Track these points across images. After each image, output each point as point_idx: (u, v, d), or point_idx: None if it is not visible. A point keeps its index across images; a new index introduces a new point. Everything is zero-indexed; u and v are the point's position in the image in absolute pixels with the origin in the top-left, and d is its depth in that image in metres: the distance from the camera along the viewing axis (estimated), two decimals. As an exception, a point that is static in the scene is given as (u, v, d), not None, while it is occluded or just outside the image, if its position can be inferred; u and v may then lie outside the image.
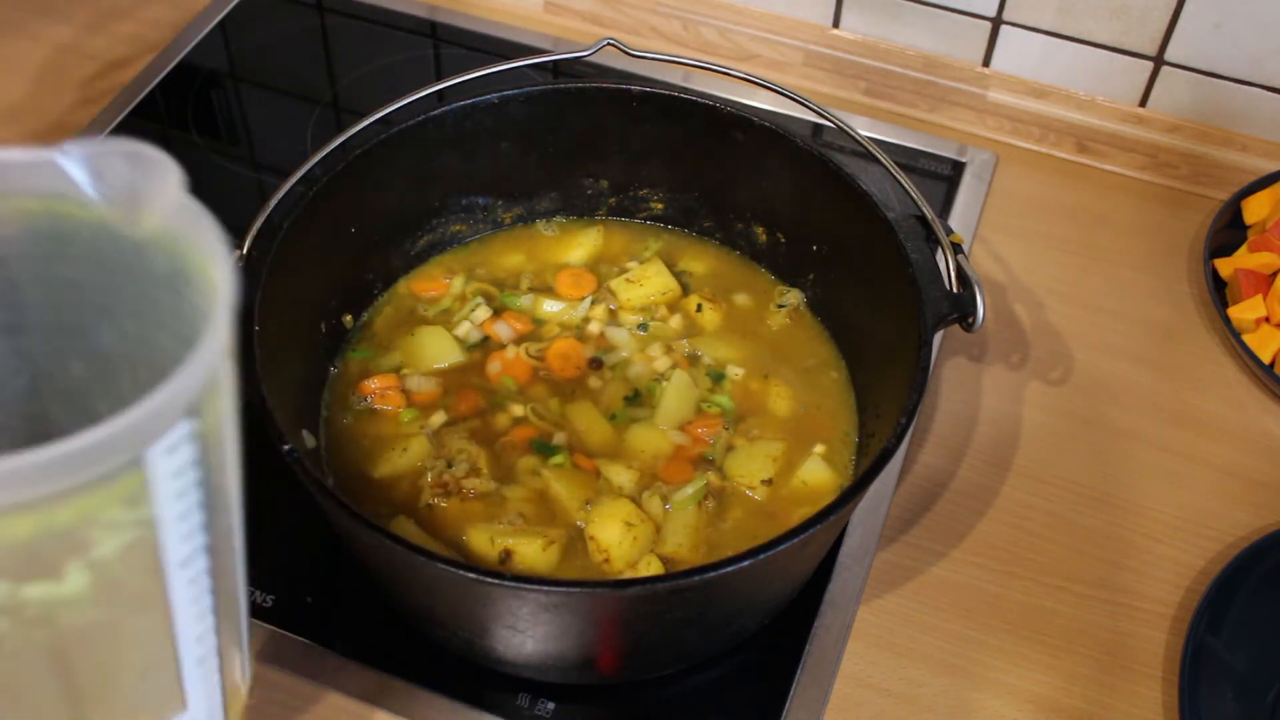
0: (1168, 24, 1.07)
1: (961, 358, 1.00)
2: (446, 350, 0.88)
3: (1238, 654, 0.81)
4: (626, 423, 0.85)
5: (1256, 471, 0.93)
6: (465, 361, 0.88)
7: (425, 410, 0.85)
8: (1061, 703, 0.80)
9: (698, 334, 0.91)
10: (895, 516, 0.89)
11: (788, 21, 1.21)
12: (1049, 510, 0.90)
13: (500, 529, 0.78)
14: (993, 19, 1.13)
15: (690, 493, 0.80)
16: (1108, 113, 1.15)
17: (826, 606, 0.83)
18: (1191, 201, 1.14)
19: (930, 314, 0.77)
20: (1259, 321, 0.99)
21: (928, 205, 0.83)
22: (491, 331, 0.89)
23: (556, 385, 0.87)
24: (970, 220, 1.11)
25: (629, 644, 0.75)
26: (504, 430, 0.84)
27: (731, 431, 0.84)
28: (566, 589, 0.65)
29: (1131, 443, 0.95)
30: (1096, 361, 1.00)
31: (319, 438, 0.83)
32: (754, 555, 0.64)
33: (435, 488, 0.80)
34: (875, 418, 0.84)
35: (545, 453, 0.82)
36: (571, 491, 0.80)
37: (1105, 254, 1.09)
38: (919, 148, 1.17)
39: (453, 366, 0.88)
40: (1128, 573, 0.87)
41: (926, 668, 0.82)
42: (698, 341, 0.90)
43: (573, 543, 0.78)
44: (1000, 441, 0.94)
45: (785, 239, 0.94)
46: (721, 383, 0.88)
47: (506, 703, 0.78)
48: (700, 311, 0.92)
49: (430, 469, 0.81)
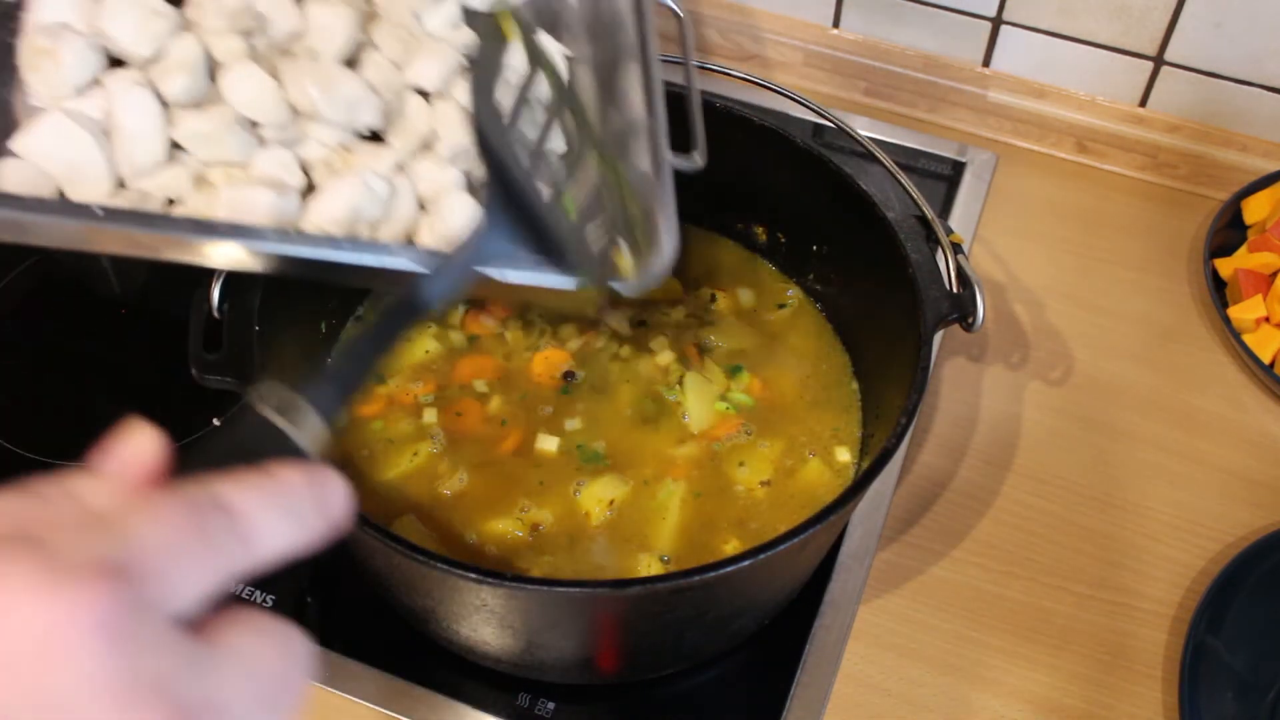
0: (1168, 24, 1.07)
1: (961, 358, 1.00)
2: (424, 348, 0.88)
3: (1238, 654, 0.81)
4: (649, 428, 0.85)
5: (1256, 471, 0.93)
6: (446, 358, 0.88)
7: (416, 411, 0.85)
8: (1061, 703, 0.80)
9: (706, 325, 0.91)
10: (895, 516, 0.89)
11: (788, 21, 1.21)
12: (1049, 510, 0.90)
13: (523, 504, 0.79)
14: (993, 19, 1.13)
15: (690, 491, 0.80)
16: (1108, 113, 1.15)
17: (826, 606, 0.83)
18: (1191, 201, 1.14)
19: (930, 314, 0.77)
20: (1259, 321, 0.99)
21: (928, 205, 0.83)
22: (478, 326, 0.89)
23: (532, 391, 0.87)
24: (970, 220, 1.10)
25: (629, 644, 0.75)
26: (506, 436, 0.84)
27: (754, 434, 0.84)
28: (567, 589, 0.65)
29: (1131, 443, 0.95)
30: (1096, 361, 1.00)
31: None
32: (754, 555, 0.64)
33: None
34: (875, 418, 0.84)
35: (590, 460, 0.82)
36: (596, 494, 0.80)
37: (1105, 254, 1.09)
38: (919, 148, 1.17)
39: (434, 363, 0.87)
40: (1128, 573, 0.87)
41: (926, 668, 0.82)
42: (709, 331, 0.90)
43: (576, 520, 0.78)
44: (1000, 441, 0.94)
45: (785, 239, 0.94)
46: (739, 376, 0.87)
47: (506, 703, 0.78)
48: (715, 302, 0.92)
49: (437, 474, 0.81)
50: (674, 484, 0.81)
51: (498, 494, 0.80)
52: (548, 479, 0.81)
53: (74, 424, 0.92)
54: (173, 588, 0.34)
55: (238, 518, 0.36)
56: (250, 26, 0.70)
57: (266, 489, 0.38)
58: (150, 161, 0.68)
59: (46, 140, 0.67)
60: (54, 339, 0.99)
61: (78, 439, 0.92)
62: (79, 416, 0.93)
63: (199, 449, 0.40)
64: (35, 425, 0.92)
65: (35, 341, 0.99)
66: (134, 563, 0.33)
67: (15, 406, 0.94)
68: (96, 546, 0.33)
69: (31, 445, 0.90)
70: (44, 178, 0.67)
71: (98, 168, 0.67)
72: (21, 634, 0.31)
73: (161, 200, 0.69)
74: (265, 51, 0.71)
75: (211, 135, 0.69)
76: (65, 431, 0.92)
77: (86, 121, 0.67)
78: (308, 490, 0.39)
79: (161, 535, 0.34)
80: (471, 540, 0.78)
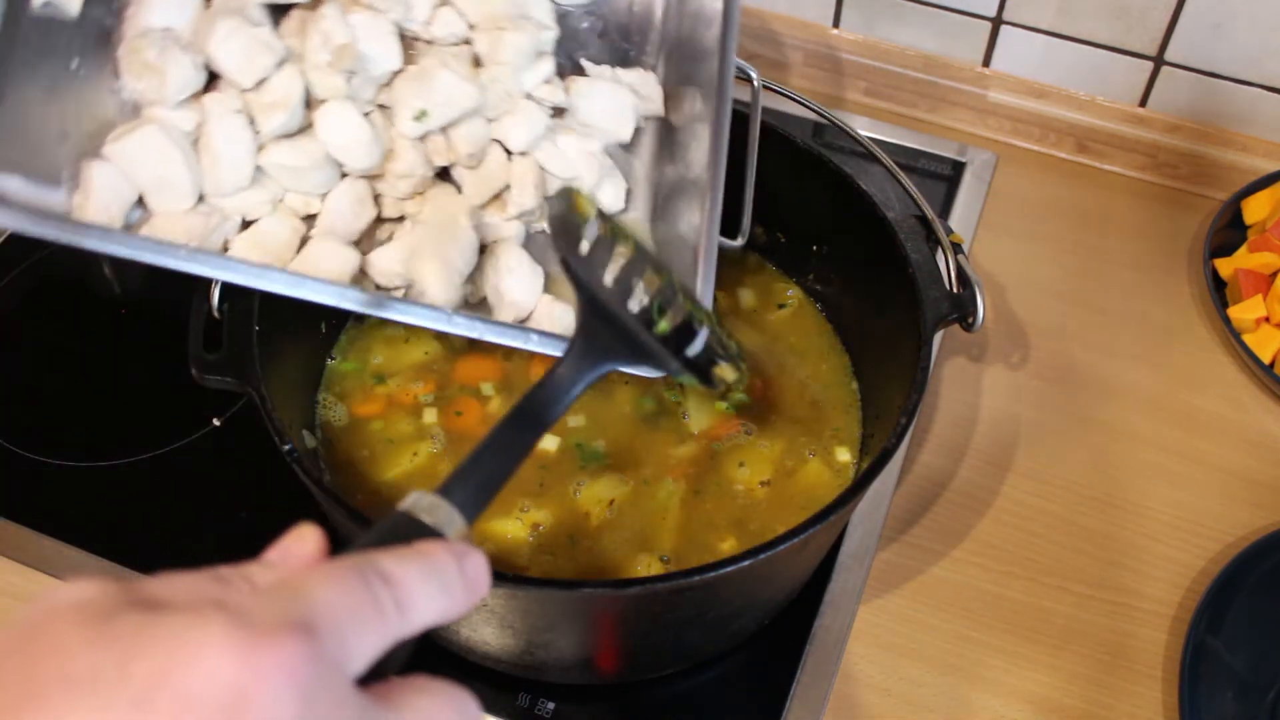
0: (1168, 24, 1.07)
1: (961, 358, 1.00)
2: (424, 349, 0.88)
3: (1238, 654, 0.81)
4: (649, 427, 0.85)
5: (1256, 471, 0.93)
6: (446, 358, 0.88)
7: (416, 411, 0.85)
8: (1061, 703, 0.80)
9: None
10: (895, 516, 0.89)
11: (788, 21, 1.21)
12: (1049, 510, 0.90)
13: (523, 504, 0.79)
14: (993, 19, 1.13)
15: (690, 491, 0.80)
16: (1108, 113, 1.15)
17: (826, 606, 0.83)
18: (1191, 201, 1.14)
19: (930, 314, 0.77)
20: (1259, 321, 0.99)
21: (928, 205, 0.83)
22: None
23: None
24: (970, 220, 1.11)
25: (629, 644, 0.75)
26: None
27: (754, 434, 0.84)
28: (567, 589, 0.65)
29: (1131, 443, 0.95)
30: (1096, 361, 1.00)
31: (317, 437, 0.83)
32: (754, 555, 0.64)
33: None
34: (875, 418, 0.84)
35: (590, 460, 0.82)
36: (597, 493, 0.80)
37: (1105, 254, 1.09)
38: (919, 148, 1.17)
39: (434, 363, 0.87)
40: (1128, 573, 0.87)
41: (926, 668, 0.82)
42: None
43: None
44: (1000, 441, 0.94)
45: (785, 239, 0.94)
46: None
47: (506, 703, 0.78)
48: (715, 302, 0.92)
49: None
50: (674, 484, 0.81)
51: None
52: (547, 479, 0.81)
53: (74, 424, 0.93)
54: (351, 647, 0.36)
55: (397, 587, 0.38)
56: (352, 67, 0.72)
57: (421, 563, 0.40)
58: (234, 185, 0.71)
59: (138, 151, 0.69)
60: (54, 339, 0.99)
61: (78, 439, 0.93)
62: (79, 416, 0.93)
63: (356, 538, 0.43)
64: (35, 425, 0.92)
65: (35, 341, 0.99)
66: (318, 621, 0.35)
67: (15, 406, 0.94)
68: (283, 607, 0.35)
69: (32, 445, 0.90)
70: (128, 185, 0.69)
71: (182, 184, 0.70)
72: (215, 684, 0.32)
73: (237, 221, 0.72)
74: (359, 88, 0.73)
75: (298, 169, 0.71)
76: (65, 431, 0.92)
77: (178, 136, 0.70)
78: (455, 565, 0.42)
79: (338, 597, 0.36)
80: (471, 540, 0.78)
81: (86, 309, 1.01)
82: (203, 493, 0.88)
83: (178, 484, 0.89)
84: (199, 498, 0.88)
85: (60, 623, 0.34)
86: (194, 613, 0.34)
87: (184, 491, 0.88)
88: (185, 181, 0.70)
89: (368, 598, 0.37)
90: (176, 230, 0.69)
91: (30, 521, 0.86)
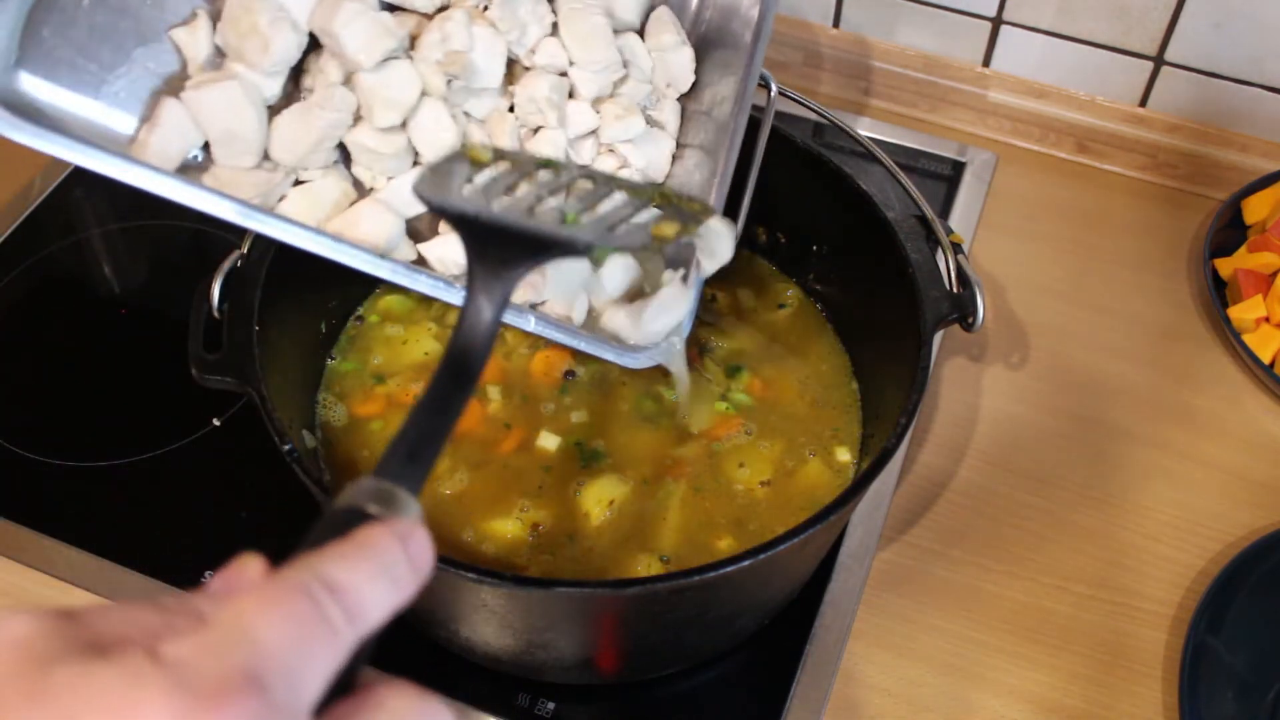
0: (1168, 24, 1.07)
1: (961, 358, 1.00)
2: (424, 349, 0.88)
3: (1238, 654, 0.81)
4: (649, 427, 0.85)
5: (1256, 471, 0.93)
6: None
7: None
8: (1061, 703, 0.80)
9: (706, 326, 0.91)
10: (895, 516, 0.89)
11: (788, 21, 1.21)
12: (1049, 510, 0.90)
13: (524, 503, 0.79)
14: (993, 19, 1.13)
15: (690, 491, 0.80)
16: (1108, 113, 1.15)
17: (826, 606, 0.83)
18: (1191, 201, 1.14)
19: (930, 314, 0.77)
20: (1259, 321, 0.99)
21: (928, 205, 0.83)
22: None
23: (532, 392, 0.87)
24: (970, 220, 1.10)
25: (629, 644, 0.75)
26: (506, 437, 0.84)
27: (754, 434, 0.84)
28: (566, 589, 0.65)
29: (1131, 443, 0.95)
30: (1096, 361, 1.00)
31: (317, 437, 0.83)
32: (754, 555, 0.64)
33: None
34: (875, 418, 0.84)
35: (590, 459, 0.82)
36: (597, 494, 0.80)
37: (1105, 254, 1.09)
38: (919, 148, 1.17)
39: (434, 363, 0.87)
40: (1128, 573, 0.87)
41: (926, 667, 0.82)
42: (708, 331, 0.90)
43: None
44: (1000, 441, 0.94)
45: (785, 239, 0.94)
46: (739, 376, 0.87)
47: (506, 702, 0.78)
48: (714, 302, 0.92)
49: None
50: (673, 484, 0.81)
51: (497, 493, 0.80)
52: (547, 479, 0.81)
53: (74, 424, 0.93)
54: (304, 682, 0.34)
55: (345, 594, 0.37)
56: (459, 74, 0.74)
57: (368, 561, 0.39)
58: (304, 152, 0.73)
59: (218, 102, 0.70)
60: (54, 339, 0.99)
61: (78, 439, 0.93)
62: (79, 416, 0.93)
63: (301, 544, 0.40)
64: (35, 425, 0.92)
65: (35, 341, 0.99)
66: (264, 668, 0.33)
67: (15, 406, 0.94)
68: (226, 657, 0.33)
69: (32, 445, 0.90)
70: (194, 130, 0.70)
71: (252, 142, 0.72)
72: None
73: (291, 178, 0.74)
74: (455, 94, 0.75)
75: (379, 154, 0.73)
76: (65, 431, 0.92)
77: (256, 97, 0.71)
78: (401, 550, 0.40)
79: (285, 631, 0.35)
80: (471, 540, 0.78)
81: (86, 309, 1.01)
82: (203, 493, 0.88)
83: (178, 484, 0.89)
84: (199, 498, 0.88)
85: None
86: (134, 671, 0.32)
87: (184, 491, 0.88)
88: (255, 141, 0.72)
89: (315, 618, 0.35)
90: (240, 183, 0.71)
91: (30, 521, 0.86)
